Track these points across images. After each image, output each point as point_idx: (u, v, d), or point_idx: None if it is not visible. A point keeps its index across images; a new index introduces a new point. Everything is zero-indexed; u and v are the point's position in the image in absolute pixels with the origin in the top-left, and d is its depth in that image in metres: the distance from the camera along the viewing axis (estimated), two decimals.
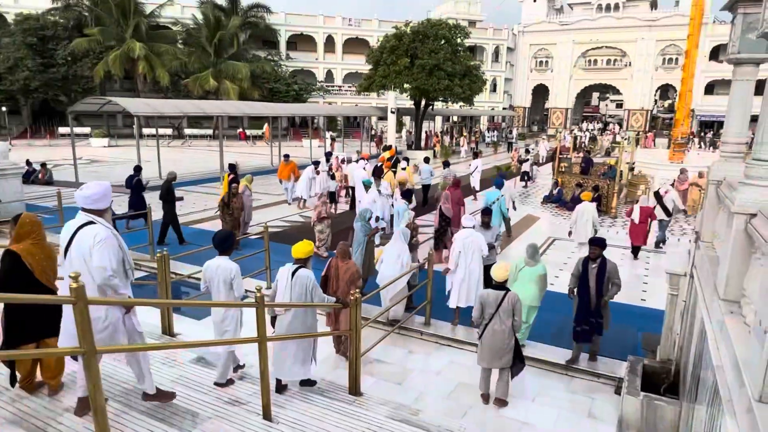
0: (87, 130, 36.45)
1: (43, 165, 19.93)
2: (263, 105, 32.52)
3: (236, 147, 34.76)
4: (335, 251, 6.80)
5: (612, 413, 5.72)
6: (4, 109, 36.35)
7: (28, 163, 19.14)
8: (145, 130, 33.74)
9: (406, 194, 11.28)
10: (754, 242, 3.32)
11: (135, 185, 12.31)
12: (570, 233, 11.81)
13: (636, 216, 11.73)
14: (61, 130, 36.95)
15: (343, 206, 16.06)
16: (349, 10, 55.07)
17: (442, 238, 10.57)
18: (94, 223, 3.78)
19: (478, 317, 5.86)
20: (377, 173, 13.39)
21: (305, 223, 13.93)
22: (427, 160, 18.02)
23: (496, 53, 55.04)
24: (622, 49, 51.82)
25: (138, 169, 13.20)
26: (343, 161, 18.32)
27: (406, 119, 43.73)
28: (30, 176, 18.67)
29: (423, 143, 34.92)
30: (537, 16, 55.56)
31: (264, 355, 4.27)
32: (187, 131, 41.44)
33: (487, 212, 8.93)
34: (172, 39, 40.18)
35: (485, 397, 5.96)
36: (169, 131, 39.87)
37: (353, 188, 15.49)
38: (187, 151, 32.63)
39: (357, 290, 5.57)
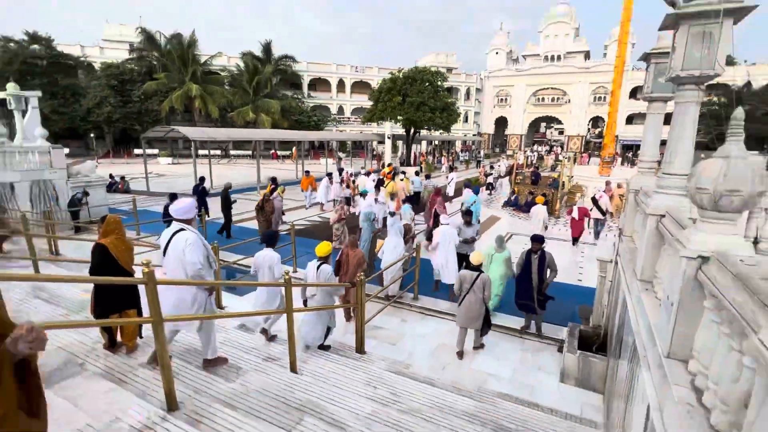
0: (156, 151, 36.25)
1: (122, 178, 19.89)
2: (290, 132, 32.46)
3: (269, 164, 34.69)
4: (346, 243, 6.84)
5: (556, 367, 5.73)
6: (92, 135, 36.24)
7: (110, 176, 19.06)
8: (200, 151, 33.62)
9: (411, 199, 11.23)
10: (663, 237, 3.34)
11: (200, 192, 12.33)
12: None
13: (575, 214, 12.07)
14: (136, 151, 36.85)
15: (353, 210, 16.05)
16: (355, 59, 55.19)
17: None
18: (185, 229, 3.90)
19: (458, 290, 6.00)
20: (380, 184, 13.55)
21: (322, 222, 13.92)
22: (417, 173, 18.13)
23: (468, 93, 55.05)
24: (563, 89, 51.84)
25: (202, 179, 13.24)
26: (351, 174, 18.35)
27: (399, 142, 43.66)
28: (112, 186, 18.60)
29: (412, 161, 34.93)
30: (498, 65, 55.59)
31: (291, 323, 4.27)
32: (232, 152, 41.33)
33: (468, 213, 8.68)
34: (221, 82, 40.05)
35: (460, 354, 5.98)
36: (218, 152, 39.77)
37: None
38: (232, 167, 32.54)
39: (362, 273, 5.65)
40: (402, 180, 16.22)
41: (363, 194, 11.01)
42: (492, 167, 26.92)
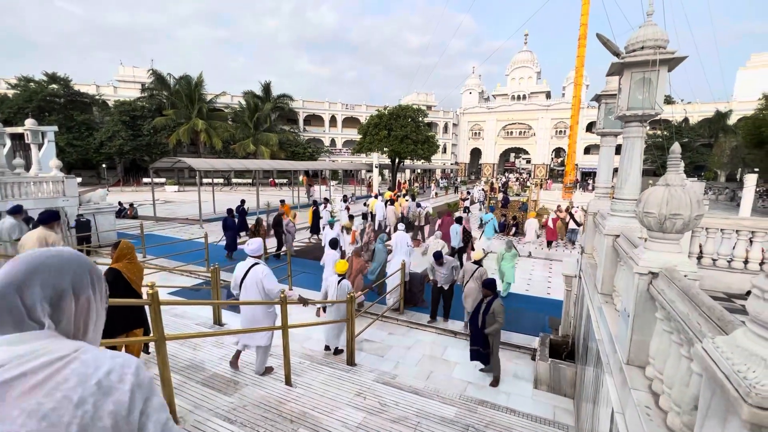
0: (163, 180, 35.91)
1: (131, 205, 19.50)
2: (287, 162, 32.43)
3: (268, 191, 34.50)
4: (353, 252, 7.69)
5: (530, 374, 5.68)
6: (104, 165, 35.76)
7: (119, 203, 18.69)
8: (204, 180, 33.41)
9: (459, 220, 11.48)
10: (619, 254, 3.41)
11: (241, 211, 12.57)
12: (524, 234, 14.29)
13: (551, 224, 14.09)
14: (145, 180, 36.38)
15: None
16: (346, 97, 56.22)
17: (470, 243, 11.48)
18: (259, 263, 4.38)
19: (461, 279, 6.66)
20: (390, 203, 15.56)
21: (316, 244, 13.80)
22: (413, 197, 18.58)
23: (446, 127, 56.26)
24: (528, 124, 53.42)
25: (243, 201, 13.64)
26: (347, 199, 18.26)
27: (385, 171, 44.09)
28: (121, 213, 18.22)
29: (396, 188, 35.27)
30: (472, 103, 57.21)
31: (286, 338, 4.17)
32: (234, 180, 41.13)
33: (438, 255, 7.14)
34: (225, 118, 40.20)
35: (466, 325, 6.74)
36: (220, 180, 39.52)
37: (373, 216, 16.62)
38: (233, 194, 32.26)
39: (355, 290, 5.72)
40: (407, 200, 17.48)
41: (330, 223, 10.69)
42: (469, 192, 27.27)
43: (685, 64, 3.62)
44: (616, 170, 4.62)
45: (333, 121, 50.82)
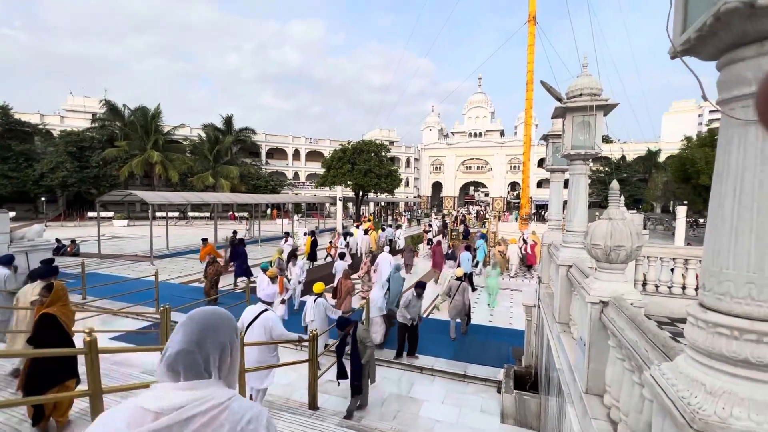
0: (111, 213, 33.60)
1: (73, 241, 17.95)
2: (248, 195, 31.63)
3: (228, 225, 33.26)
4: (342, 275, 8.00)
5: (496, 407, 5.63)
6: (44, 198, 33.05)
7: (57, 240, 17.09)
8: (158, 213, 31.72)
9: (468, 248, 13.07)
10: (572, 284, 3.57)
11: (239, 240, 12.47)
12: (508, 260, 15.37)
13: (529, 250, 15.67)
14: (90, 213, 33.87)
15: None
16: (309, 131, 56.75)
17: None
18: (269, 309, 4.63)
19: (447, 292, 7.64)
20: (366, 232, 16.35)
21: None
22: (390, 226, 18.81)
23: (408, 161, 57.98)
24: (486, 159, 56.30)
25: (235, 233, 14.81)
26: (309, 234, 18.05)
27: (350, 204, 44.18)
28: (60, 250, 16.67)
29: (361, 220, 35.34)
30: (432, 139, 59.77)
31: (243, 382, 3.89)
32: (191, 214, 39.27)
33: (420, 285, 7.18)
34: (183, 150, 38.91)
35: (453, 339, 7.67)
36: (176, 214, 37.65)
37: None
38: (189, 228, 30.77)
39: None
40: (392, 227, 19.11)
41: (263, 269, 8.56)
42: (430, 224, 27.84)
43: (620, 109, 4.05)
44: (566, 203, 4.93)
45: (296, 154, 50.84)
